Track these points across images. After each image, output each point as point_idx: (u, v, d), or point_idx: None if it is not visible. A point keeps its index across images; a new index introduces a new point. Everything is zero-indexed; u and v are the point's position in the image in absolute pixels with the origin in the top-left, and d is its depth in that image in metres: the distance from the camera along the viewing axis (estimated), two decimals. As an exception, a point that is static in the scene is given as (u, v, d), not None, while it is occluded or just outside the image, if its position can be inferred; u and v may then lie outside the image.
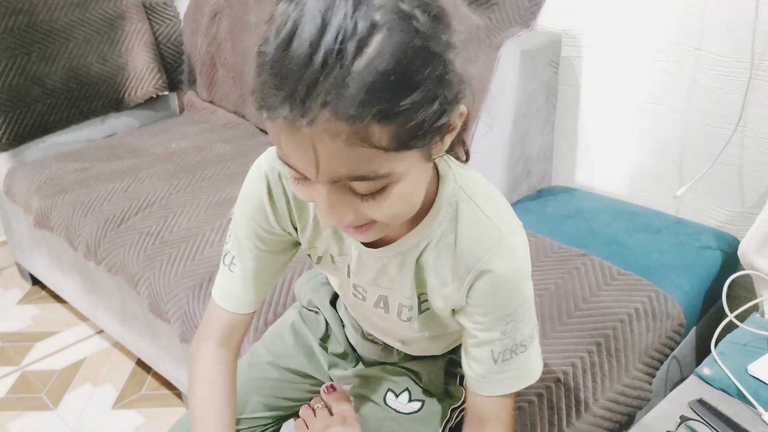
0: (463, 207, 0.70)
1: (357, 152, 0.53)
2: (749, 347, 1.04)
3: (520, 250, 0.70)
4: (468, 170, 0.74)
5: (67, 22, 2.06)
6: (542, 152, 1.59)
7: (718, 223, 1.43)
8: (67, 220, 1.65)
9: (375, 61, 0.51)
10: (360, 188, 0.57)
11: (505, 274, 0.69)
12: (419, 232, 0.71)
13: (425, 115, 0.54)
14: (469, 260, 0.70)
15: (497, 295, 0.70)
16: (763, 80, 1.27)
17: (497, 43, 1.47)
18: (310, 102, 0.51)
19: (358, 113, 0.51)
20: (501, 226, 0.69)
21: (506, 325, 0.72)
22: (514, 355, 0.74)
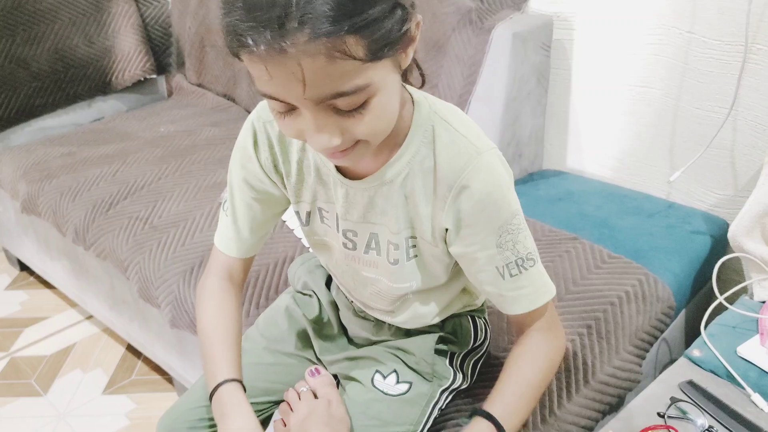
0: (439, 129, 0.73)
1: (338, 67, 0.57)
2: (738, 329, 1.05)
3: (497, 165, 0.73)
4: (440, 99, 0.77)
5: (53, 4, 2.03)
6: (533, 135, 1.58)
7: (709, 207, 1.44)
8: (54, 206, 1.63)
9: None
10: (343, 105, 0.60)
11: (485, 187, 0.71)
12: (400, 158, 0.74)
13: (391, 22, 0.59)
14: (449, 178, 0.72)
15: (483, 210, 0.72)
16: (755, 64, 1.26)
17: (489, 26, 1.46)
18: (288, 24, 0.54)
19: (333, 28, 0.55)
20: (477, 143, 0.72)
21: (499, 237, 0.74)
22: (522, 269, 0.76)
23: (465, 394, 0.96)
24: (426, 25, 1.56)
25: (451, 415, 0.94)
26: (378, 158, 0.74)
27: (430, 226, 0.77)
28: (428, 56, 1.56)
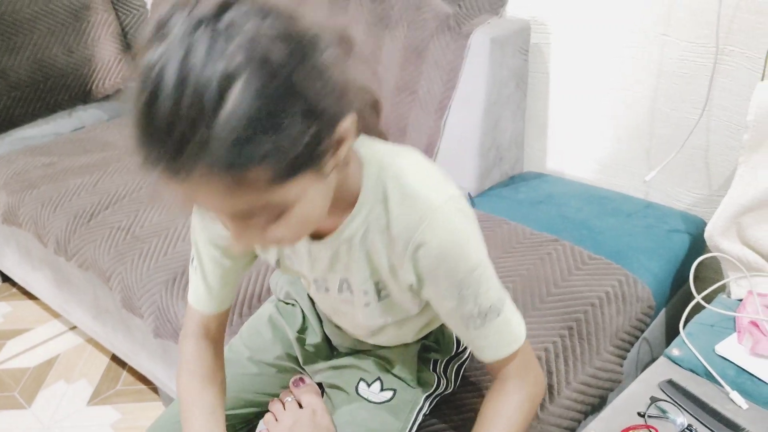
0: (390, 186, 0.70)
1: (241, 195, 0.55)
2: (716, 327, 1.07)
3: (455, 218, 0.69)
4: (395, 146, 0.74)
5: (31, 14, 2.02)
6: (513, 139, 1.60)
7: (686, 206, 1.46)
8: (35, 216, 1.62)
9: (237, 113, 0.51)
10: (255, 220, 0.59)
11: (440, 244, 0.69)
12: (354, 218, 0.72)
13: (300, 146, 0.55)
14: (404, 236, 0.70)
15: (439, 266, 0.70)
16: (727, 65, 1.29)
17: (467, 31, 1.47)
18: (181, 160, 0.52)
19: (230, 162, 0.52)
20: (432, 197, 0.69)
21: (460, 291, 0.72)
22: (486, 321, 0.74)
23: (449, 399, 0.97)
24: (405, 32, 1.57)
25: (435, 420, 0.95)
26: (334, 218, 0.72)
27: (395, 280, 0.76)
28: (408, 62, 1.56)
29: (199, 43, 0.52)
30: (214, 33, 0.52)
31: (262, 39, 0.53)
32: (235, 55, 0.52)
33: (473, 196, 1.54)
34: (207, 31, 0.52)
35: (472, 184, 1.54)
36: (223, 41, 0.52)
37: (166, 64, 0.52)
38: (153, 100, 0.52)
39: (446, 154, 1.54)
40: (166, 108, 0.51)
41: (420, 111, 1.56)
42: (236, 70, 0.51)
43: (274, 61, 0.53)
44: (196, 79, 0.51)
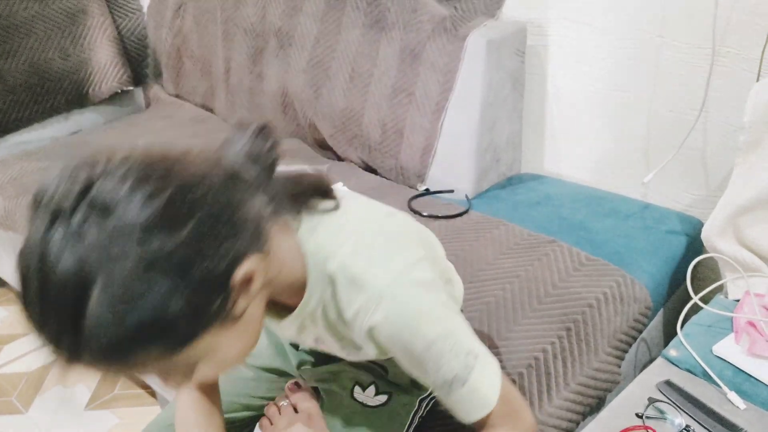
0: (336, 271, 0.68)
1: (138, 371, 0.57)
2: (714, 328, 1.07)
3: (404, 297, 0.67)
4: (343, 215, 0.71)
5: (27, 17, 2.02)
6: (510, 140, 1.60)
7: (684, 207, 1.46)
8: (32, 220, 1.62)
9: (101, 318, 0.51)
10: (173, 372, 0.60)
11: (391, 327, 0.67)
12: (308, 302, 0.71)
13: (185, 320, 0.54)
14: (356, 322, 0.69)
15: (395, 345, 0.69)
16: (724, 66, 1.29)
17: (463, 33, 1.47)
18: (62, 354, 0.53)
19: (109, 359, 0.53)
20: (376, 279, 0.67)
21: (420, 366, 0.70)
22: (452, 389, 0.71)
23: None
24: (401, 34, 1.57)
25: (432, 422, 0.94)
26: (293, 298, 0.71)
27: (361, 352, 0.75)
28: (404, 64, 1.57)
29: (52, 245, 0.51)
30: (68, 230, 0.51)
31: (122, 229, 0.52)
32: (90, 254, 0.51)
33: (470, 197, 1.54)
34: (60, 229, 0.51)
35: (470, 185, 1.54)
36: (77, 239, 0.51)
37: (28, 268, 0.52)
38: (24, 298, 0.53)
39: (443, 155, 1.54)
40: (37, 312, 0.52)
41: (417, 113, 1.56)
42: (92, 269, 0.51)
43: (133, 255, 0.52)
44: (55, 283, 0.51)
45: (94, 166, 0.55)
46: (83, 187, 0.53)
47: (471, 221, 1.43)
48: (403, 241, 0.71)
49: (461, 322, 0.72)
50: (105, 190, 0.53)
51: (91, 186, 0.53)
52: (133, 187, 0.53)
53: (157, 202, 0.53)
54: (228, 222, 0.57)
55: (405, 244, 0.71)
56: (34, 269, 0.52)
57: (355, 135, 1.69)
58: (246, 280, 0.59)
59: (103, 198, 0.53)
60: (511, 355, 1.06)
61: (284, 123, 1.88)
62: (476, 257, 1.29)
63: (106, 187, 0.53)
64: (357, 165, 1.72)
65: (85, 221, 0.52)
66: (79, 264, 0.51)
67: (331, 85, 1.71)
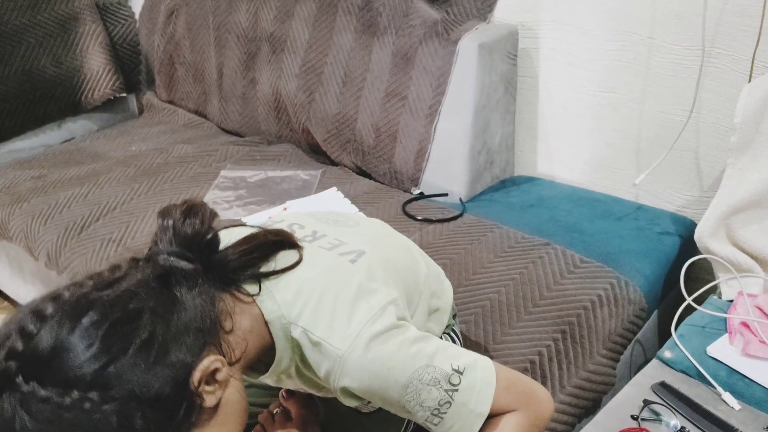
0: (299, 336, 0.69)
1: None
2: (708, 329, 1.07)
3: (366, 355, 0.67)
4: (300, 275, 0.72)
5: (18, 25, 2.01)
6: (504, 143, 1.60)
7: (676, 208, 1.47)
8: (26, 229, 1.61)
9: None
10: None
11: (362, 383, 0.68)
12: (280, 363, 0.72)
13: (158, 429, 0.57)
14: (328, 381, 0.70)
15: (372, 396, 0.70)
16: (714, 67, 1.29)
17: (455, 37, 1.47)
18: None
19: None
20: (338, 341, 0.68)
21: (403, 407, 0.70)
22: (442, 415, 0.71)
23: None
24: (393, 38, 1.57)
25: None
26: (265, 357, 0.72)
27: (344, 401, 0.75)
28: (397, 69, 1.57)
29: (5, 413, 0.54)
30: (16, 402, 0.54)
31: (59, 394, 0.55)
32: (37, 419, 0.54)
33: (465, 200, 1.54)
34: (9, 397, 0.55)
35: (464, 188, 1.55)
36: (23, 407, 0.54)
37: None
38: None
39: (437, 158, 1.55)
40: None
41: (410, 117, 1.56)
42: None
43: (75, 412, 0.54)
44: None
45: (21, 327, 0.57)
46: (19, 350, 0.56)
47: (465, 224, 1.43)
48: (366, 290, 0.71)
49: (437, 346, 0.71)
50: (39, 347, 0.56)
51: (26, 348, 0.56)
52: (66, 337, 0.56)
53: (96, 341, 0.56)
54: (170, 332, 0.59)
55: (369, 292, 0.71)
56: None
57: (348, 139, 1.69)
58: (210, 374, 0.61)
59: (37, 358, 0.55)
60: (507, 359, 1.06)
61: (277, 128, 1.88)
62: (471, 261, 1.29)
63: (39, 344, 0.56)
64: (351, 169, 1.72)
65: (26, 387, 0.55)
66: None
67: (324, 90, 1.71)
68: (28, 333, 0.56)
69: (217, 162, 1.81)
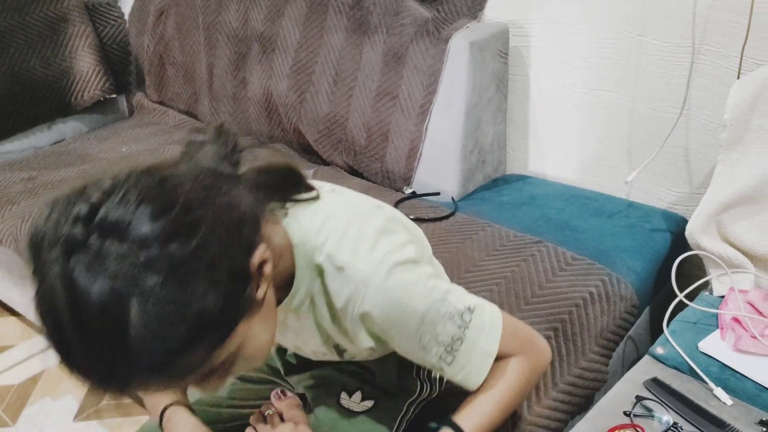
0: (323, 262, 0.70)
1: (185, 378, 0.57)
2: (699, 325, 1.08)
3: (390, 280, 0.69)
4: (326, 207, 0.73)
5: (7, 27, 2.00)
6: (495, 141, 1.60)
7: (668, 204, 1.47)
8: (15, 232, 1.60)
9: (143, 333, 0.51)
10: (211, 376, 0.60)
11: (382, 310, 0.69)
12: (296, 293, 0.72)
13: (222, 312, 0.55)
14: (347, 310, 0.71)
15: (390, 327, 0.71)
16: (704, 64, 1.30)
17: (446, 36, 1.47)
18: (111, 386, 0.54)
19: (157, 374, 0.54)
20: (362, 266, 0.69)
21: (420, 340, 0.72)
22: (455, 353, 0.74)
23: (434, 403, 0.97)
24: (384, 37, 1.57)
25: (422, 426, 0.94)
26: (280, 291, 0.73)
27: (351, 344, 0.77)
28: (388, 67, 1.57)
29: (76, 276, 0.51)
30: (88, 259, 0.51)
31: (139, 249, 0.52)
32: (117, 277, 0.51)
33: (457, 199, 1.54)
34: (80, 257, 0.51)
35: (456, 187, 1.55)
36: (99, 266, 0.51)
37: (56, 308, 0.51)
38: (63, 346, 0.52)
39: (429, 157, 1.55)
40: (77, 352, 0.52)
41: (401, 116, 1.56)
42: (124, 291, 0.51)
43: (158, 266, 0.52)
44: (90, 315, 0.51)
45: (87, 195, 0.54)
46: (87, 214, 0.52)
47: (457, 223, 1.43)
48: (389, 228, 0.73)
49: (450, 286, 0.74)
50: (111, 212, 0.53)
51: (96, 212, 0.53)
52: (138, 205, 0.53)
53: (166, 214, 0.54)
54: (232, 217, 0.58)
55: (390, 231, 0.73)
56: (64, 308, 0.51)
57: (340, 139, 1.68)
58: (261, 265, 0.61)
59: (112, 220, 0.52)
60: (499, 357, 1.06)
61: (269, 128, 1.87)
62: (463, 259, 1.29)
63: (111, 210, 0.53)
64: (342, 169, 1.71)
65: (102, 245, 0.51)
66: (110, 287, 0.50)
67: (315, 90, 1.71)
68: (91, 207, 0.53)
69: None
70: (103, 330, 0.51)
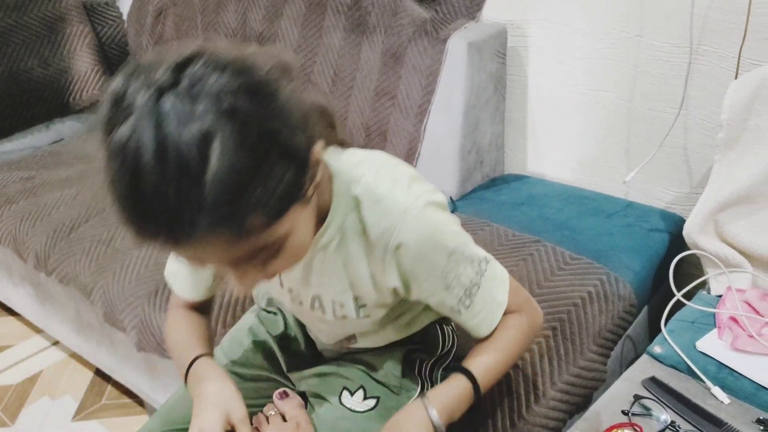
0: (360, 195, 0.73)
1: (241, 244, 0.57)
2: (697, 324, 1.08)
3: (425, 214, 0.72)
4: (360, 152, 0.77)
5: (4, 27, 2.00)
6: (493, 141, 1.61)
7: (666, 204, 1.48)
8: (14, 232, 1.60)
9: (222, 172, 0.53)
10: (256, 260, 0.62)
11: (417, 242, 0.72)
12: (328, 227, 0.74)
13: (285, 186, 0.58)
14: (382, 240, 0.73)
15: (421, 262, 0.74)
16: (701, 64, 1.30)
17: (444, 36, 1.48)
18: (177, 230, 0.54)
19: (225, 221, 0.54)
20: (401, 198, 0.72)
21: (445, 279, 0.76)
22: (473, 297, 0.79)
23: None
24: (382, 37, 1.57)
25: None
26: None
27: (374, 289, 0.78)
28: (386, 68, 1.57)
29: (167, 112, 0.52)
30: (179, 98, 0.53)
31: (227, 94, 0.54)
32: (206, 116, 0.53)
33: (455, 199, 1.55)
34: (171, 97, 0.53)
35: (454, 187, 1.55)
36: (190, 104, 0.53)
37: (140, 139, 0.52)
38: (136, 178, 0.53)
39: (427, 157, 1.55)
40: (152, 183, 0.52)
41: (400, 116, 1.56)
42: (211, 130, 0.52)
43: (243, 113, 0.54)
44: (175, 148, 0.52)
45: (175, 57, 0.56)
46: (179, 65, 0.55)
47: (456, 223, 1.43)
48: (419, 177, 0.77)
49: (469, 238, 0.80)
50: (200, 68, 0.55)
51: (186, 66, 0.55)
52: (225, 66, 0.56)
53: (250, 74, 0.56)
54: (301, 104, 0.61)
55: (421, 179, 0.76)
56: (150, 145, 0.52)
57: (338, 139, 1.69)
58: (316, 163, 0.63)
59: (200, 72, 0.55)
60: (498, 356, 1.06)
61: (268, 128, 1.87)
62: (462, 259, 1.30)
63: (200, 66, 0.55)
64: (341, 169, 1.72)
65: (192, 88, 0.53)
66: (198, 127, 0.52)
67: (314, 90, 1.71)
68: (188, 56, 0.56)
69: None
70: (184, 166, 0.52)
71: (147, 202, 0.53)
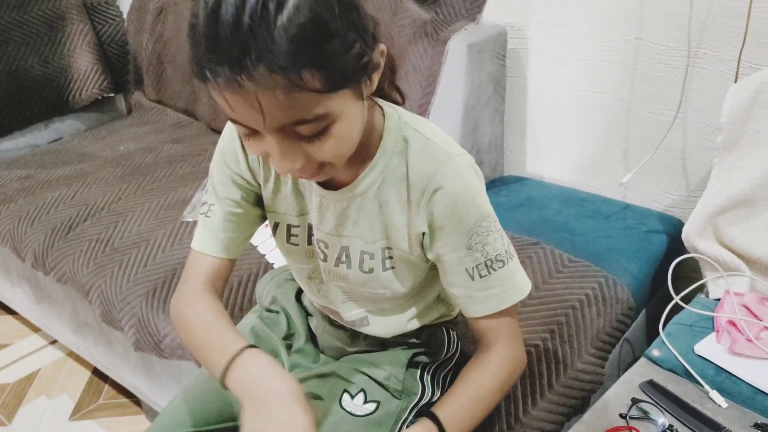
0: (410, 137, 0.76)
1: (295, 98, 0.59)
2: (695, 327, 1.08)
3: (467, 169, 0.75)
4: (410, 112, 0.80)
5: (4, 25, 2.00)
6: (493, 143, 1.61)
7: (664, 207, 1.48)
8: (12, 231, 1.60)
9: (296, 15, 0.57)
10: (304, 131, 0.63)
11: (456, 189, 0.74)
12: (373, 168, 0.76)
13: (349, 57, 0.61)
14: (422, 182, 0.75)
15: (453, 212, 0.75)
16: (700, 67, 1.30)
17: (444, 37, 1.48)
18: (245, 61, 0.57)
19: (289, 64, 0.57)
20: (448, 149, 0.75)
21: (469, 239, 0.76)
22: (491, 270, 0.78)
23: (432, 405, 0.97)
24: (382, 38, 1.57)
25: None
26: (351, 170, 0.77)
27: (406, 234, 0.79)
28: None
29: None
30: None
31: None
32: None
33: (454, 201, 1.55)
34: None
35: (453, 189, 1.55)
36: None
37: None
38: (217, 8, 0.57)
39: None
40: (231, 14, 0.56)
41: (399, 117, 1.56)
42: None
43: None
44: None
45: None
46: None
47: (454, 224, 1.43)
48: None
49: None
50: None
51: None
52: None
53: None
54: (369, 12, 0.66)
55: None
56: None
57: (338, 139, 1.68)
58: (377, 64, 0.66)
59: None
60: (496, 358, 1.06)
61: (267, 128, 1.87)
62: (460, 260, 1.30)
63: None
64: (340, 169, 1.71)
65: None
66: None
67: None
68: None
69: (206, 161, 1.80)
70: (264, 4, 0.56)
71: (222, 31, 0.56)
